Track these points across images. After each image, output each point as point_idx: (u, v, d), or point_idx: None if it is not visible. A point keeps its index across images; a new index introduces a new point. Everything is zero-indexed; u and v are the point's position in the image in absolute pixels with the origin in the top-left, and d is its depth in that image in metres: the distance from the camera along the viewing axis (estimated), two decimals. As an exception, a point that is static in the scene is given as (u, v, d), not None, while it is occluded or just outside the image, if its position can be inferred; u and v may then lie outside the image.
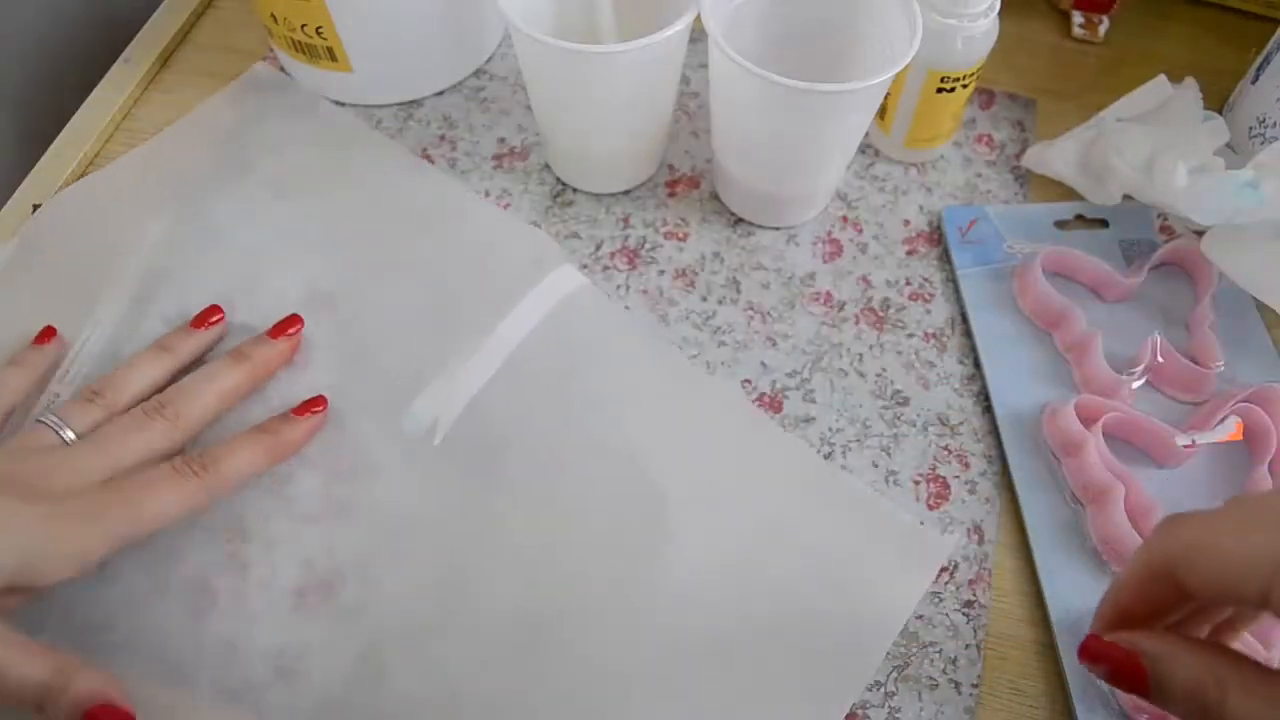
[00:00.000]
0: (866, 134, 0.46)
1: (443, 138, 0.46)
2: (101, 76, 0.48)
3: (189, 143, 0.45)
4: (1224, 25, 0.51)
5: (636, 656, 0.32)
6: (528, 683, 0.32)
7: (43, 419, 0.33)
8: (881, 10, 0.38)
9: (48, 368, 0.37)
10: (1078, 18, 0.51)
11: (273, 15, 0.44)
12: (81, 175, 0.45)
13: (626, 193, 0.44)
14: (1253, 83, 0.44)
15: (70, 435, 0.33)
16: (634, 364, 0.39)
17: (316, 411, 0.36)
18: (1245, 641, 0.32)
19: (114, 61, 0.49)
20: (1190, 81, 0.44)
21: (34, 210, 0.43)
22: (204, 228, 0.42)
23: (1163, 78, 0.44)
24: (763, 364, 0.39)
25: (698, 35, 0.40)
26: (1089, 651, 0.25)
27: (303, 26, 0.43)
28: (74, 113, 0.47)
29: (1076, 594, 0.34)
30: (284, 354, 0.37)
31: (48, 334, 0.37)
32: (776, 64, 0.35)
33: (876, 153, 0.46)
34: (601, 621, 0.33)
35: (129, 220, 0.42)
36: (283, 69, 0.48)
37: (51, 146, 0.46)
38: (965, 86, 0.41)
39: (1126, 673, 0.24)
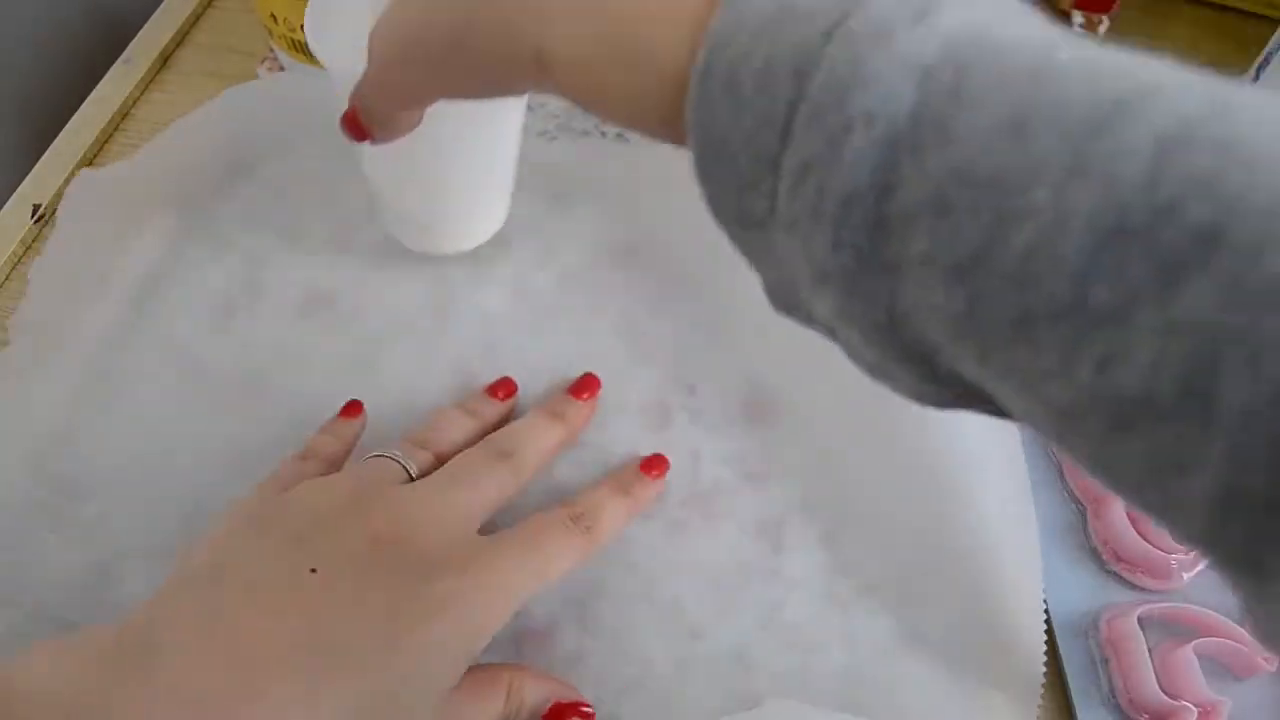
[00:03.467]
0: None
1: (443, 138, 0.46)
2: (101, 76, 0.48)
3: (191, 143, 0.45)
4: (1224, 25, 0.51)
5: None
6: None
7: (384, 453, 0.32)
8: None
9: (354, 437, 0.35)
10: (1078, 18, 0.51)
11: (273, 15, 0.44)
12: (81, 175, 0.45)
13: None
14: (1253, 82, 0.44)
15: (414, 472, 0.32)
16: None
17: (659, 473, 0.36)
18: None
19: (114, 61, 0.49)
20: None
21: (34, 211, 0.43)
22: (206, 230, 0.42)
23: None
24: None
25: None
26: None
27: (302, 26, 0.43)
28: (74, 113, 0.47)
29: (1077, 594, 0.34)
30: (590, 412, 0.37)
31: (353, 409, 0.36)
32: None
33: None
34: None
35: (128, 221, 0.42)
36: (282, 69, 0.48)
37: (51, 146, 0.46)
38: None
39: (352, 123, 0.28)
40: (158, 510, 0.35)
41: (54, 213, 0.43)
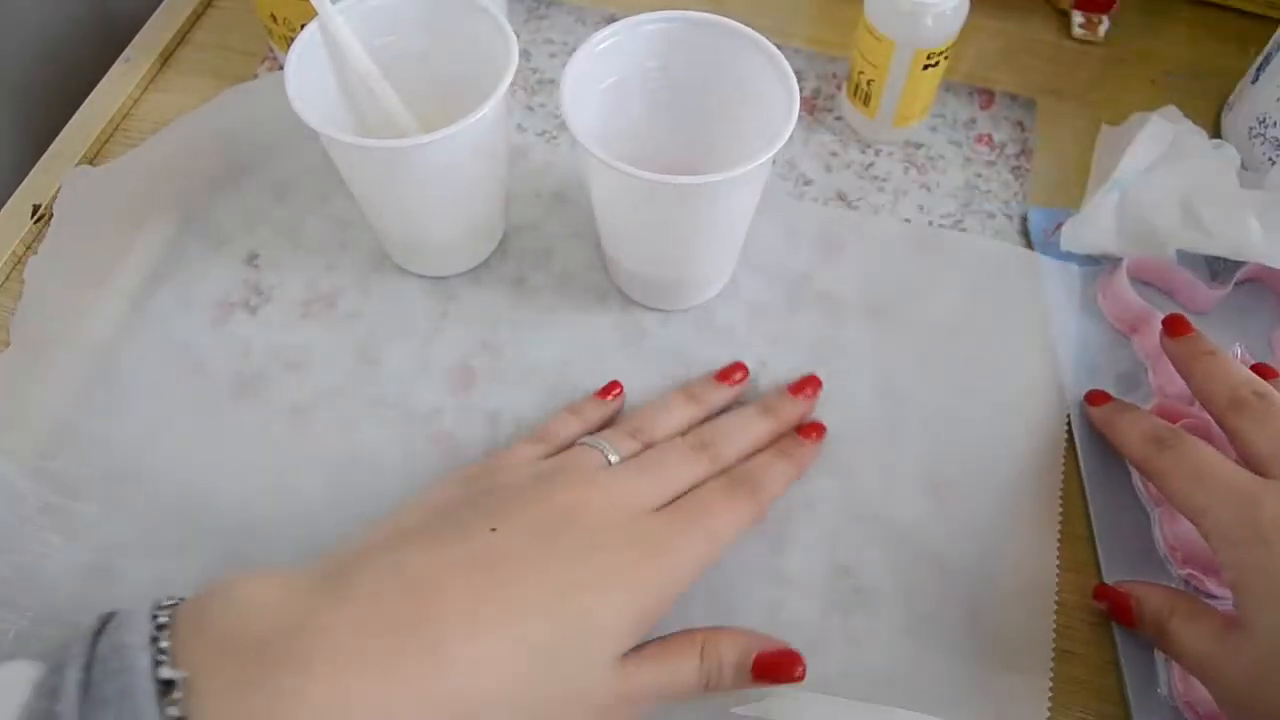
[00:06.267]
0: (842, 119, 0.47)
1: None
2: (101, 76, 0.48)
3: (191, 142, 0.45)
4: (1224, 25, 0.51)
5: None
6: None
7: (588, 443, 0.33)
8: (758, 79, 0.35)
9: (601, 421, 0.37)
10: (1078, 18, 0.51)
11: (273, 15, 0.44)
12: (81, 175, 0.45)
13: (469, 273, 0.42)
14: (1253, 83, 0.44)
15: (614, 459, 0.33)
16: None
17: (816, 436, 0.36)
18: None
19: (114, 61, 0.48)
20: (1171, 110, 0.43)
21: (34, 211, 0.43)
22: (206, 230, 0.42)
23: (1156, 118, 0.42)
24: (763, 363, 0.40)
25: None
26: (1099, 595, 0.34)
27: (302, 26, 0.43)
28: (74, 113, 0.47)
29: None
30: (805, 412, 0.37)
31: (612, 388, 0.37)
32: (664, 134, 0.35)
33: (875, 151, 0.46)
34: None
35: (127, 220, 0.42)
36: (282, 69, 0.48)
37: (51, 146, 0.46)
38: (946, 59, 0.42)
39: (1121, 608, 0.33)
40: (158, 510, 0.35)
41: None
